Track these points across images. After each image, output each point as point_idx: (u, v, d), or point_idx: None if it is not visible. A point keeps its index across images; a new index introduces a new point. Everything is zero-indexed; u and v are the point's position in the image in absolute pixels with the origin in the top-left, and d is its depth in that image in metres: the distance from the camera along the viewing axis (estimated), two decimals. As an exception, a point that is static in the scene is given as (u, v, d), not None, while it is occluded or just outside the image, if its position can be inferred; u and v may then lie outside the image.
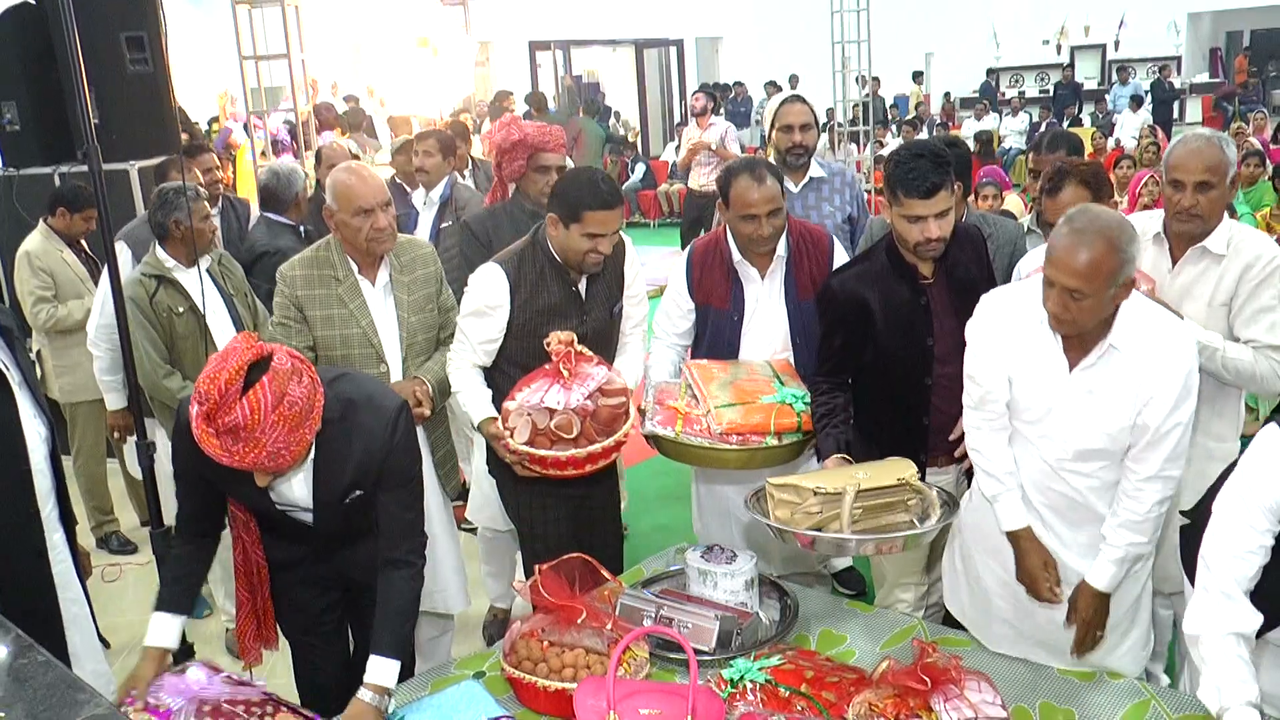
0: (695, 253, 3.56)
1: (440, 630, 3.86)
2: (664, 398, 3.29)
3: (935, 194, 2.92)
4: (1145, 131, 11.42)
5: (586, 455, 3.03)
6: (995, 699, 2.35)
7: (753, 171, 3.31)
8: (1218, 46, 24.77)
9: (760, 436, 3.10)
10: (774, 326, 3.47)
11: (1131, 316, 2.54)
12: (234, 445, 2.27)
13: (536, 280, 3.25)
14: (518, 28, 17.21)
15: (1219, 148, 2.97)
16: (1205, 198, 2.95)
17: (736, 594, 2.89)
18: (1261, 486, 2.21)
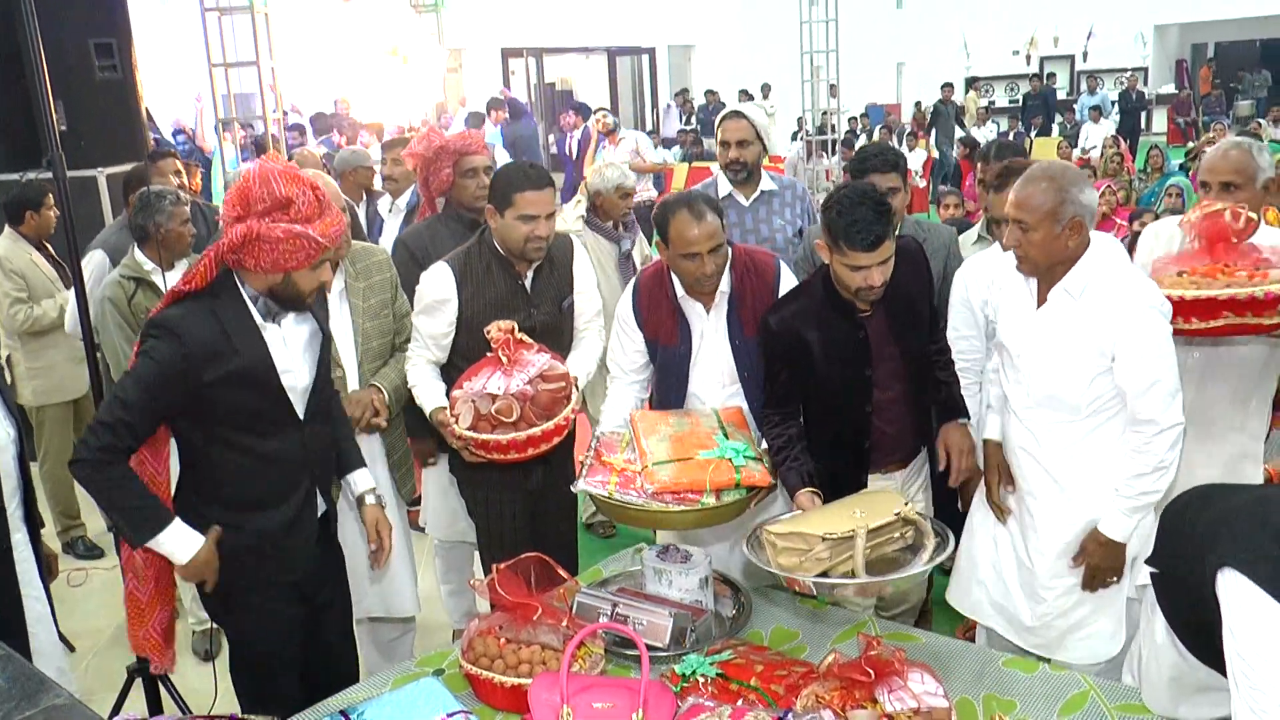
0: (641, 286, 3.40)
1: (401, 631, 3.91)
2: (604, 451, 3.13)
3: (879, 245, 2.85)
4: (1109, 142, 11.56)
5: (526, 438, 3.09)
6: (938, 689, 2.42)
7: (691, 207, 3.13)
8: (1183, 58, 25.11)
9: (696, 495, 2.90)
10: (721, 362, 3.34)
11: (1094, 268, 2.74)
12: (333, 209, 2.70)
13: (483, 275, 3.37)
14: (490, 35, 17.26)
15: (1247, 152, 3.07)
16: (1231, 198, 3.02)
17: (691, 592, 2.94)
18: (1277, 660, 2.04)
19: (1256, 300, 2.65)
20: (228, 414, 2.73)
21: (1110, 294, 2.72)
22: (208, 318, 2.66)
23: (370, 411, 3.41)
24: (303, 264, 2.67)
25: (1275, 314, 2.68)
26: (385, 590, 3.69)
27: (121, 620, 3.33)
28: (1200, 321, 2.71)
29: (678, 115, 19.36)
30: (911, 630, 2.97)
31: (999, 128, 18.18)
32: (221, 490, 2.79)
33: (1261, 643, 2.04)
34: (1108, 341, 2.71)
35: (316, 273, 2.73)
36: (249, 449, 2.78)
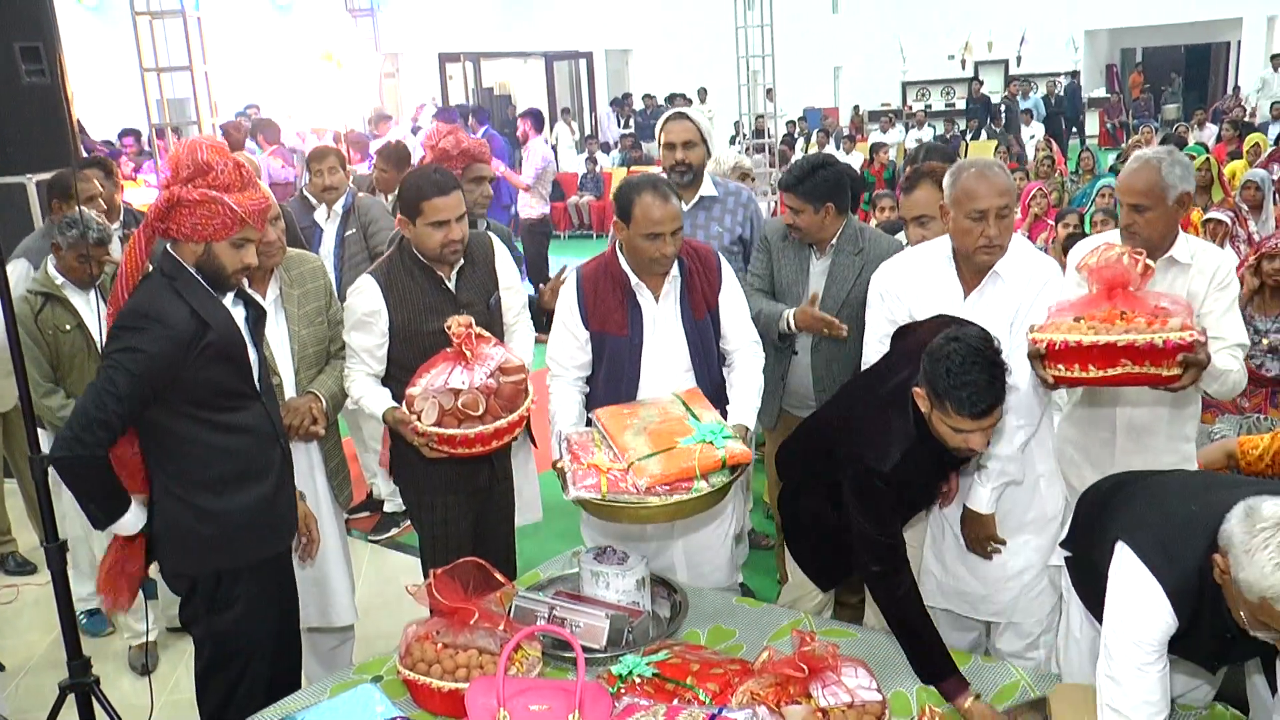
0: (585, 279, 3.39)
1: (340, 640, 3.88)
2: (581, 453, 3.06)
3: (989, 414, 2.61)
4: (1041, 145, 11.76)
5: (493, 431, 3.11)
6: (871, 683, 2.46)
7: (655, 189, 3.20)
8: (1113, 63, 25.65)
9: (688, 483, 2.88)
10: (674, 348, 3.34)
11: (1014, 251, 3.06)
12: (257, 189, 2.76)
13: (408, 282, 3.38)
14: (427, 40, 17.17)
15: (1155, 170, 2.98)
16: (1141, 218, 3.00)
17: (628, 593, 2.96)
18: (1141, 628, 2.29)
19: (1156, 348, 2.58)
20: (202, 393, 2.79)
21: (1026, 271, 3.05)
22: (175, 298, 2.75)
23: (308, 419, 3.39)
24: (219, 233, 2.74)
25: (1174, 364, 2.61)
26: (323, 600, 3.66)
27: (56, 636, 3.27)
28: (1098, 369, 2.63)
29: (616, 119, 19.44)
30: (847, 626, 3.02)
31: (935, 131, 18.44)
32: (205, 471, 2.84)
33: (1124, 600, 2.32)
34: (1019, 314, 2.94)
35: (239, 253, 2.80)
36: (223, 424, 2.84)
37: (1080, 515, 2.77)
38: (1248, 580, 2.08)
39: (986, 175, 3.00)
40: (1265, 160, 9.70)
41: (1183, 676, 2.64)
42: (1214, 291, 3.04)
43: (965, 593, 3.25)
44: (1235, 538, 2.13)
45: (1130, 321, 2.66)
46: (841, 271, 3.76)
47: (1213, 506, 2.25)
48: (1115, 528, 2.42)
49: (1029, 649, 3.21)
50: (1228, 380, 2.92)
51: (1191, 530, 2.27)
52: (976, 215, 2.97)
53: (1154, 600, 2.27)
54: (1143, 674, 2.28)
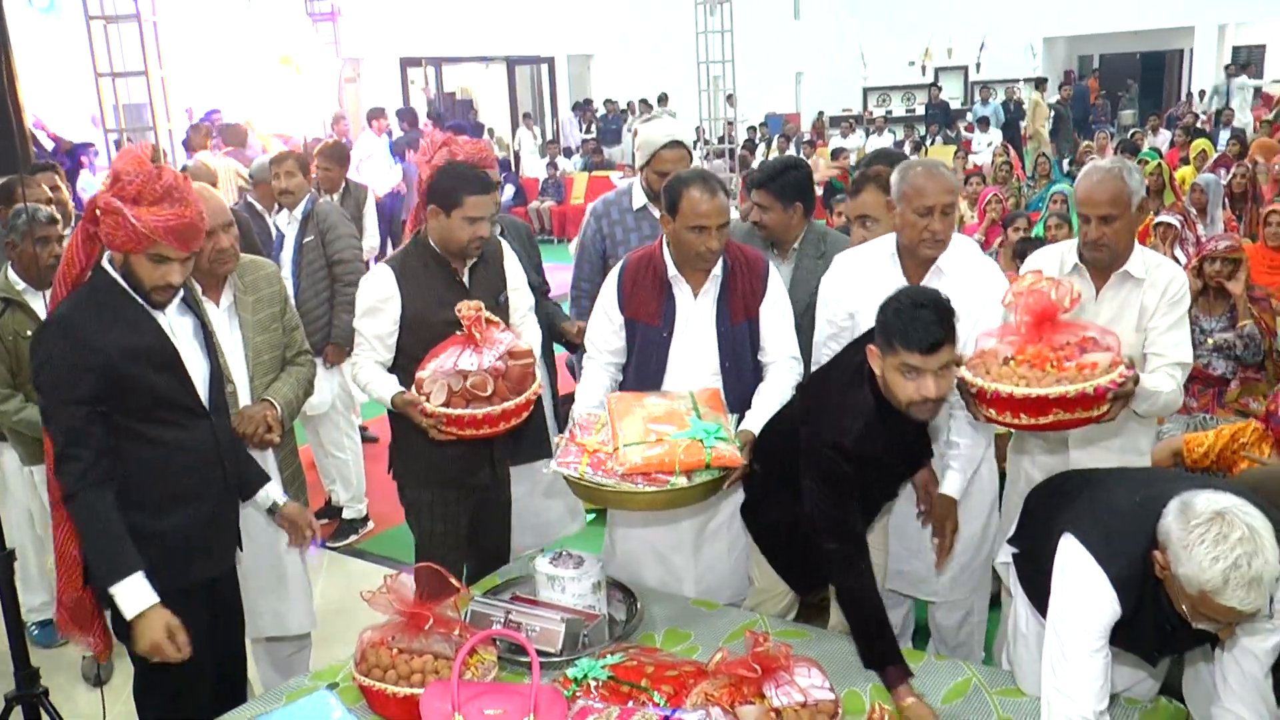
0: (629, 265, 3.43)
1: (297, 648, 3.86)
2: (579, 432, 3.12)
3: (937, 350, 2.63)
4: (999, 150, 11.90)
5: (501, 412, 3.13)
6: (824, 683, 2.48)
7: (705, 183, 3.21)
8: (1071, 69, 25.97)
9: (667, 475, 2.88)
10: (704, 347, 3.35)
11: (955, 248, 3.20)
12: (174, 206, 2.61)
13: (422, 273, 3.42)
14: (389, 44, 17.10)
15: (1118, 179, 3.02)
16: (1110, 229, 3.04)
17: (584, 597, 2.97)
18: (1087, 615, 2.36)
19: (1087, 396, 2.57)
20: (138, 403, 2.73)
21: (969, 269, 3.21)
22: (93, 307, 2.69)
23: (263, 427, 3.37)
24: (127, 246, 2.65)
25: (1104, 404, 2.62)
26: (280, 608, 3.64)
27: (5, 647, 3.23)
28: (1029, 418, 2.62)
29: (578, 124, 19.44)
30: (801, 626, 3.04)
31: (895, 136, 18.58)
32: (137, 490, 2.77)
33: (1070, 589, 2.39)
34: (971, 315, 3.01)
35: (159, 269, 2.69)
36: (160, 440, 2.78)
37: (1027, 513, 2.84)
38: (1187, 575, 2.14)
39: (934, 174, 3.14)
40: (1213, 165, 9.86)
41: (1127, 670, 2.70)
42: (1164, 306, 3.08)
43: (906, 572, 3.48)
44: (1172, 534, 2.19)
45: (1060, 365, 2.61)
46: (804, 275, 3.80)
47: (1153, 500, 2.32)
48: (1061, 522, 2.49)
49: (963, 623, 3.48)
50: (1158, 400, 2.92)
51: (1134, 522, 2.35)
52: (924, 211, 3.12)
53: (1099, 588, 2.34)
54: (1087, 660, 2.35)
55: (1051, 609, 2.45)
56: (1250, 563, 2.08)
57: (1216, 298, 4.93)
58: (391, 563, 5.18)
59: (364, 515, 5.73)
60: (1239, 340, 4.80)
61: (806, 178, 3.88)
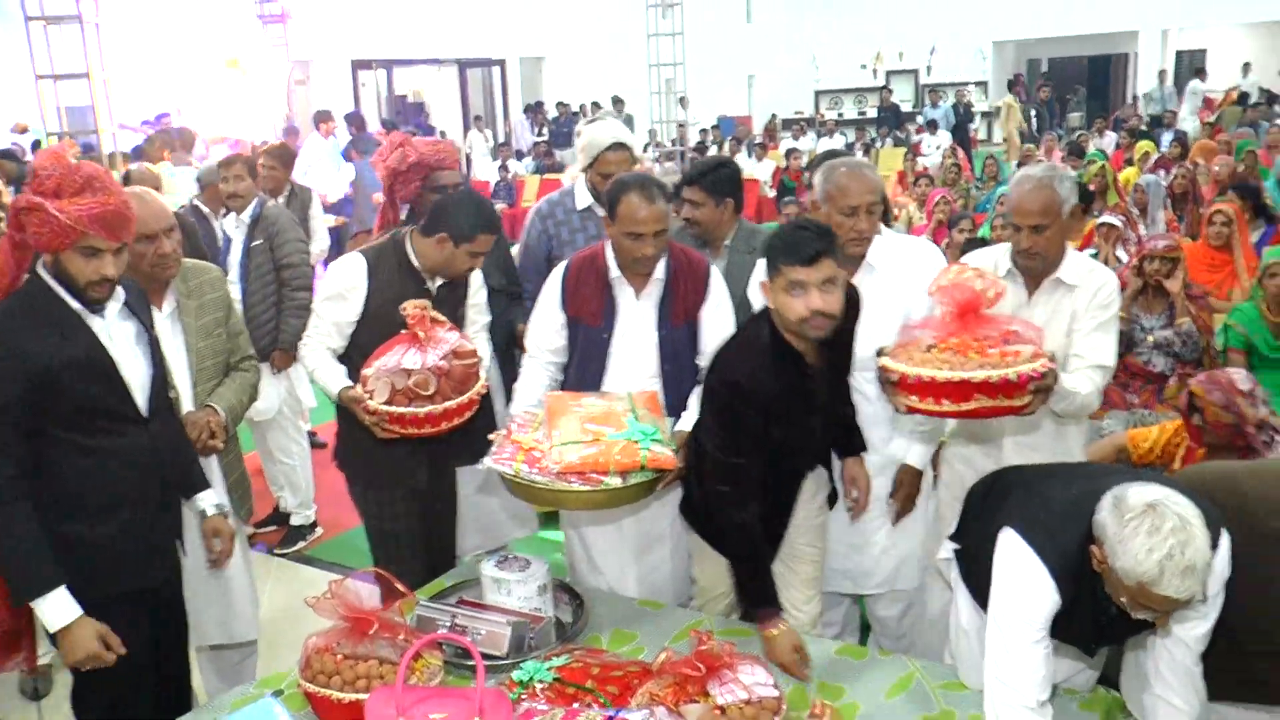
0: (572, 265, 3.45)
1: (243, 655, 3.83)
2: (515, 429, 3.10)
3: (818, 260, 2.73)
4: (947, 152, 12.03)
5: (443, 411, 3.16)
6: (769, 680, 2.50)
7: (644, 189, 3.20)
8: (1020, 72, 26.31)
9: (601, 475, 2.88)
10: (644, 349, 3.36)
11: (886, 243, 3.30)
12: (97, 195, 2.59)
13: (393, 273, 3.47)
14: (339, 46, 16.99)
15: (1049, 189, 3.04)
16: (1042, 238, 3.07)
17: (530, 600, 2.96)
18: (1027, 606, 2.41)
19: (1010, 383, 2.58)
20: (70, 411, 2.69)
21: (903, 263, 3.28)
22: (25, 314, 2.66)
23: (206, 433, 3.33)
24: (55, 242, 2.62)
25: (1026, 394, 2.63)
26: (226, 616, 3.61)
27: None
28: (952, 404, 2.62)
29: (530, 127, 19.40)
30: (745, 625, 3.06)
31: (846, 138, 18.72)
32: (69, 497, 2.73)
33: (1010, 581, 2.44)
34: (905, 302, 3.16)
35: (92, 263, 2.66)
36: (93, 449, 2.73)
37: (968, 509, 2.89)
38: (1124, 568, 2.19)
39: (857, 174, 3.22)
40: (1154, 166, 10.03)
41: (1066, 661, 2.76)
42: (1093, 310, 3.12)
43: (848, 570, 3.51)
44: (1108, 528, 2.24)
45: (983, 353, 2.63)
46: (736, 271, 3.81)
47: (1088, 493, 2.38)
48: (1001, 516, 2.54)
49: (904, 614, 3.56)
50: (1075, 400, 2.95)
51: (1070, 515, 2.40)
52: (849, 211, 3.20)
53: (1038, 580, 2.39)
54: (1028, 650, 2.39)
55: (992, 602, 2.49)
56: (1184, 551, 2.14)
57: (1156, 296, 5.01)
58: (340, 569, 5.15)
59: (312, 521, 5.69)
60: (1178, 338, 4.89)
61: (737, 174, 3.93)
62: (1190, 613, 2.37)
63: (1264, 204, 7.23)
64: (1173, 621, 2.39)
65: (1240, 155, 9.62)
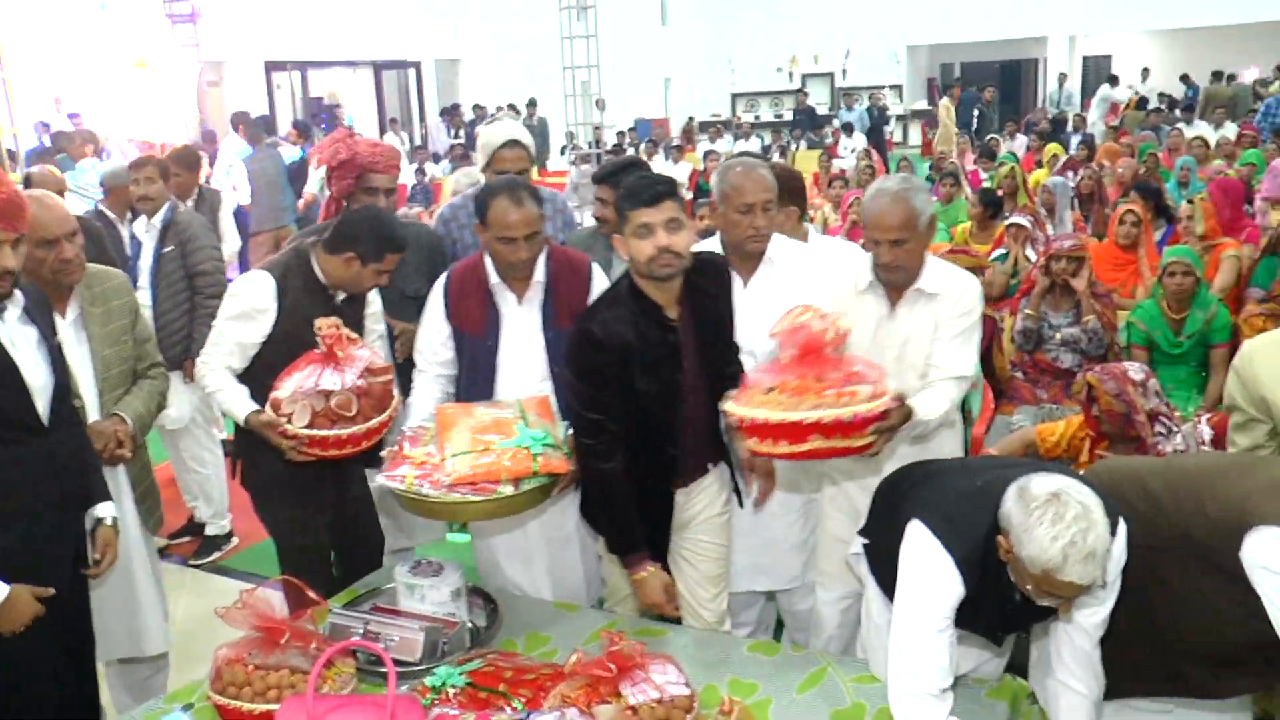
0: (453, 276, 3.41)
1: (154, 670, 3.76)
2: (407, 445, 3.08)
3: (661, 200, 2.90)
4: (861, 154, 12.20)
5: (365, 431, 3.12)
6: (680, 678, 2.52)
7: (512, 193, 3.20)
8: (933, 76, 26.81)
9: (494, 484, 2.88)
10: (532, 355, 3.34)
11: (784, 244, 3.40)
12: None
13: (301, 290, 3.38)
14: (253, 47, 16.70)
15: (906, 202, 3.01)
16: (902, 250, 3.03)
17: (444, 605, 2.95)
18: (932, 596, 2.46)
19: (845, 423, 2.58)
20: None
21: (800, 260, 3.39)
22: None
23: (113, 443, 3.27)
24: None
25: (865, 434, 2.63)
26: (134, 628, 3.54)
27: None
28: (789, 445, 2.61)
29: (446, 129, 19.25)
30: (658, 625, 3.08)
31: (762, 141, 18.89)
32: None
33: (916, 571, 2.50)
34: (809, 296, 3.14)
35: None
36: None
37: (876, 504, 2.94)
38: (1030, 556, 2.25)
39: (752, 173, 3.28)
40: (1062, 168, 10.29)
41: (974, 651, 2.82)
42: (954, 317, 3.11)
43: (761, 564, 3.56)
44: (1013, 518, 2.30)
45: (820, 394, 2.62)
46: None
47: (993, 484, 2.44)
48: (907, 509, 2.59)
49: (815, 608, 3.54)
50: (929, 427, 3.02)
51: (975, 505, 2.46)
52: (744, 209, 3.27)
53: (944, 570, 2.44)
54: (932, 639, 2.45)
55: (898, 592, 2.55)
56: (1086, 538, 2.21)
57: (1063, 295, 5.14)
58: (257, 579, 5.06)
59: (228, 531, 5.58)
60: (1084, 335, 5.02)
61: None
62: (1090, 599, 2.44)
63: (1165, 204, 7.45)
64: (1074, 608, 2.46)
65: (1142, 157, 9.91)
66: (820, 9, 24.85)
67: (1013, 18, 23.84)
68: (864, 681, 2.75)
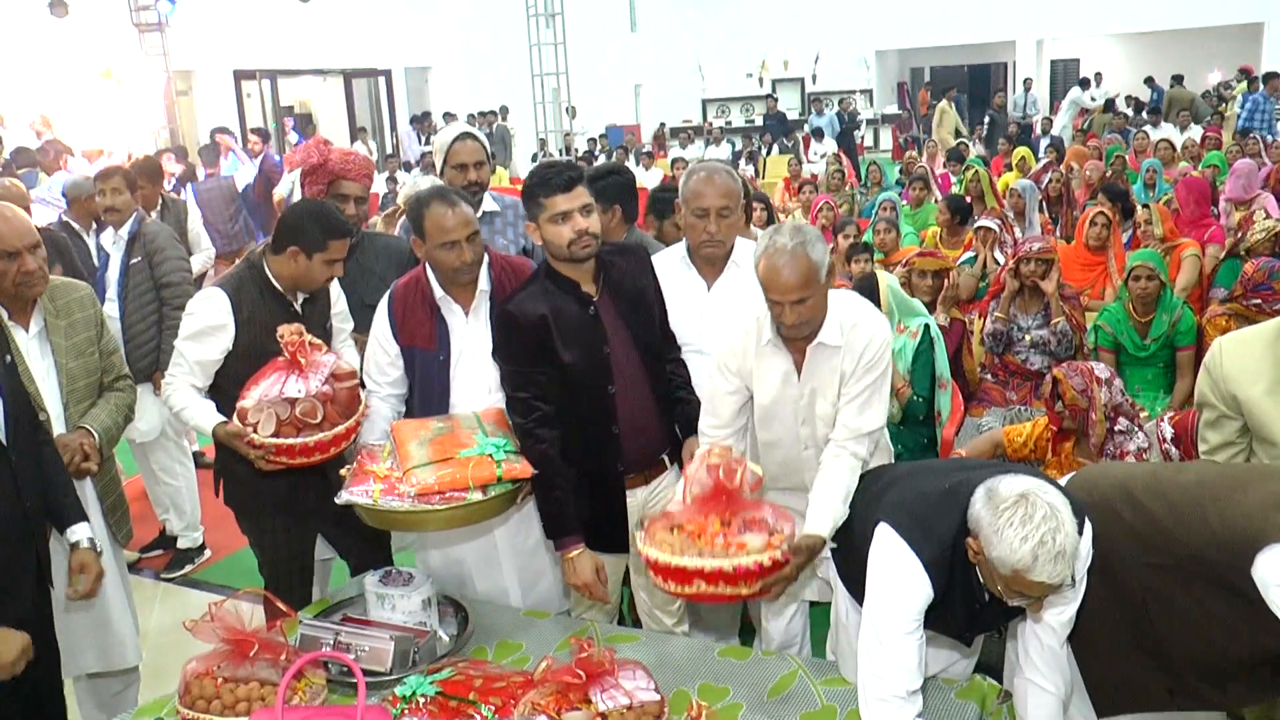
0: (396, 294, 3.36)
1: (125, 684, 3.73)
2: (365, 461, 3.08)
3: (573, 186, 3.02)
4: (831, 159, 12.26)
5: (332, 437, 3.12)
6: (649, 684, 2.53)
7: (444, 197, 3.19)
8: (903, 81, 26.97)
9: (461, 493, 2.90)
10: (482, 365, 3.30)
11: (745, 244, 3.40)
12: None
13: (257, 298, 3.39)
14: (222, 56, 16.61)
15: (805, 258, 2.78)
16: (806, 307, 2.82)
17: (414, 614, 2.95)
18: (901, 598, 2.48)
19: (726, 573, 2.54)
20: None
21: None
22: None
23: (80, 456, 3.24)
24: None
25: (755, 583, 2.58)
26: (103, 642, 3.51)
27: None
28: (676, 585, 2.60)
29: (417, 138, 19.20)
30: (629, 631, 3.10)
31: (733, 146, 18.94)
32: None
33: (885, 574, 2.51)
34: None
35: None
36: None
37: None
38: (1000, 557, 2.27)
39: (713, 179, 3.30)
40: (1039, 170, 10.37)
41: (944, 652, 2.85)
42: (860, 372, 2.94)
43: None
44: (983, 520, 2.32)
45: (711, 541, 2.58)
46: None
47: (960, 485, 2.47)
48: (875, 512, 2.61)
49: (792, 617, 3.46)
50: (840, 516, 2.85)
51: (943, 507, 2.49)
52: (700, 213, 3.29)
53: (912, 572, 2.46)
54: (901, 641, 2.46)
55: (867, 595, 2.56)
56: (1055, 538, 2.23)
57: (1032, 297, 5.19)
58: (229, 591, 5.03)
59: (200, 544, 5.55)
60: (1053, 336, 5.07)
61: (628, 183, 3.98)
62: (1057, 598, 2.46)
63: (1131, 206, 7.53)
64: (1043, 607, 2.48)
65: (1110, 160, 10.01)
66: (789, 14, 24.96)
67: (981, 22, 24.04)
68: (835, 684, 2.76)
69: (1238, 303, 4.92)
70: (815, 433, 3.01)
